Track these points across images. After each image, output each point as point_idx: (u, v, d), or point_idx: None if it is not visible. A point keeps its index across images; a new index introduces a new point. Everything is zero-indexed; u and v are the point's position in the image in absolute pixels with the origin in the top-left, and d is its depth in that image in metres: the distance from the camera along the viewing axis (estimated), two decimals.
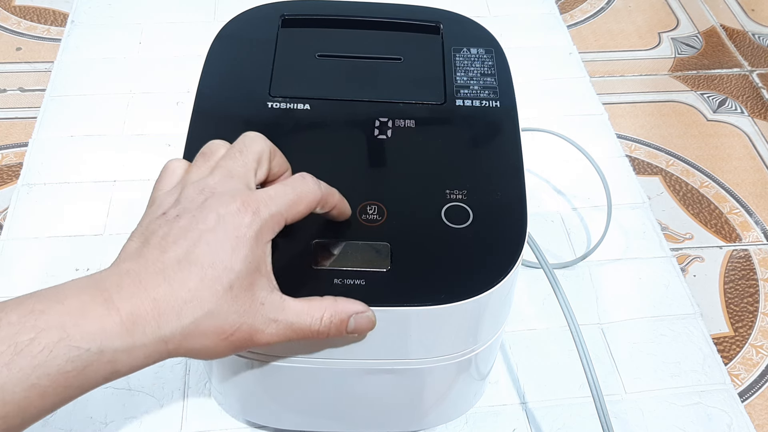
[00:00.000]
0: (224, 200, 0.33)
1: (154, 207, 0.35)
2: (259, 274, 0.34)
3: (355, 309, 0.36)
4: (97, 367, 0.30)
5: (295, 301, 0.35)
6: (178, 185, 0.36)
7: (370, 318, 0.37)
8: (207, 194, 0.34)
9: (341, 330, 0.36)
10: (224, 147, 0.37)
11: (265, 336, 0.34)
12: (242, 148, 0.36)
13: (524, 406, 0.53)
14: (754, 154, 0.74)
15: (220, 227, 0.33)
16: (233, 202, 0.33)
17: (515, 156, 0.43)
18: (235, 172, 0.35)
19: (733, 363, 0.57)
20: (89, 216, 0.63)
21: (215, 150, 0.37)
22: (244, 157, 0.36)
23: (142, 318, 0.31)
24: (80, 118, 0.71)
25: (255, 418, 0.50)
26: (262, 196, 0.34)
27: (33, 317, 0.29)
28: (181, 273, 0.32)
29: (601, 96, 0.77)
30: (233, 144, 0.37)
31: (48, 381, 0.29)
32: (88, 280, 0.32)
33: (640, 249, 0.63)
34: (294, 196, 0.35)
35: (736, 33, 0.88)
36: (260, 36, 0.49)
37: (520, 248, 0.39)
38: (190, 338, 0.32)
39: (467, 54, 0.49)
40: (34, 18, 0.84)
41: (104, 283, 0.31)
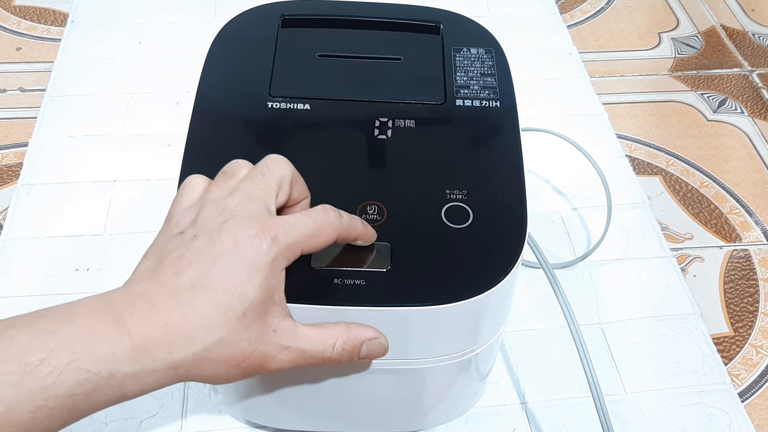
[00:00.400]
0: (243, 224, 0.33)
1: (171, 225, 0.35)
2: (273, 302, 0.33)
3: (368, 335, 0.36)
4: (106, 390, 0.30)
5: (308, 327, 0.35)
6: (197, 203, 0.35)
7: (383, 344, 0.37)
8: (226, 216, 0.33)
9: (353, 356, 0.36)
10: (247, 167, 0.36)
11: (276, 363, 0.34)
12: (265, 171, 0.35)
13: (524, 406, 0.53)
14: (754, 154, 0.74)
15: (237, 252, 0.32)
16: (252, 226, 0.32)
17: (515, 156, 0.43)
18: (255, 194, 0.34)
19: (733, 363, 0.57)
20: (89, 216, 0.63)
21: (237, 170, 0.36)
22: (266, 179, 0.35)
23: (153, 343, 0.30)
24: (80, 118, 0.71)
25: (255, 418, 0.50)
26: (282, 223, 0.33)
27: (44, 337, 0.29)
28: (194, 298, 0.31)
29: (601, 96, 0.77)
30: (256, 165, 0.36)
31: (55, 403, 0.28)
32: (100, 300, 0.31)
33: (640, 249, 0.63)
34: (314, 227, 0.34)
35: (736, 33, 0.88)
36: (260, 36, 0.49)
37: (520, 248, 0.39)
38: (201, 365, 0.31)
39: (467, 54, 0.49)
40: (34, 18, 0.84)
41: (116, 304, 0.31)
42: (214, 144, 0.43)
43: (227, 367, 0.32)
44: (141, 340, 0.30)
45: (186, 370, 0.31)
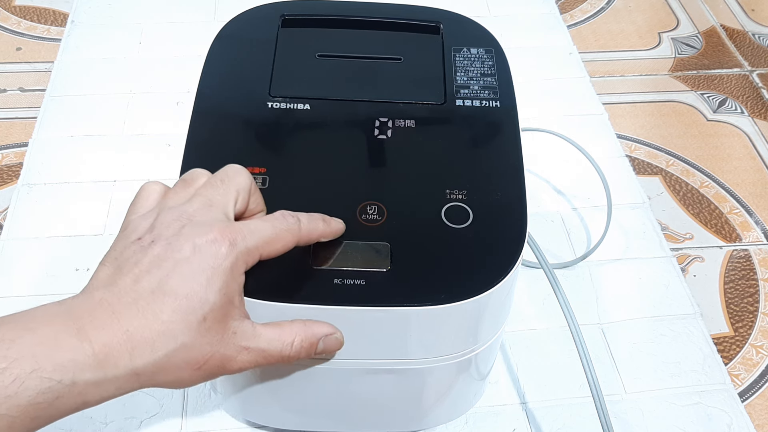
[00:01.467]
0: (201, 230, 0.33)
1: (128, 231, 0.35)
2: (232, 305, 0.33)
3: (324, 331, 0.37)
4: (68, 399, 0.29)
5: (266, 327, 0.35)
6: (154, 209, 0.35)
7: (339, 339, 0.37)
8: (184, 221, 0.33)
9: (311, 353, 0.36)
10: (206, 176, 0.37)
11: (237, 363, 0.34)
12: (224, 178, 0.36)
13: (524, 406, 0.53)
14: (754, 154, 0.74)
15: (196, 257, 0.32)
16: (210, 231, 0.33)
17: (515, 156, 0.43)
18: (215, 201, 0.35)
19: (733, 363, 0.57)
20: (89, 216, 0.63)
21: (196, 177, 0.37)
22: (225, 186, 0.35)
23: (115, 350, 0.30)
24: (80, 118, 0.71)
25: (255, 418, 0.50)
26: (240, 228, 0.34)
27: (4, 346, 0.28)
28: (154, 304, 0.31)
29: (601, 96, 0.77)
30: (215, 173, 0.37)
31: (18, 412, 0.28)
32: (59, 308, 0.31)
33: (640, 249, 0.63)
34: (272, 233, 0.34)
35: (736, 33, 0.88)
36: (260, 36, 0.49)
37: (520, 248, 0.39)
38: (163, 370, 0.32)
39: (467, 54, 0.49)
40: (34, 18, 0.84)
41: (76, 311, 0.31)
42: (214, 144, 0.43)
43: (189, 370, 0.32)
44: (102, 347, 0.30)
45: (148, 377, 0.31)
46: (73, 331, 0.30)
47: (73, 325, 0.30)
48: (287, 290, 0.36)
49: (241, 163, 0.37)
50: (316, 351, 0.37)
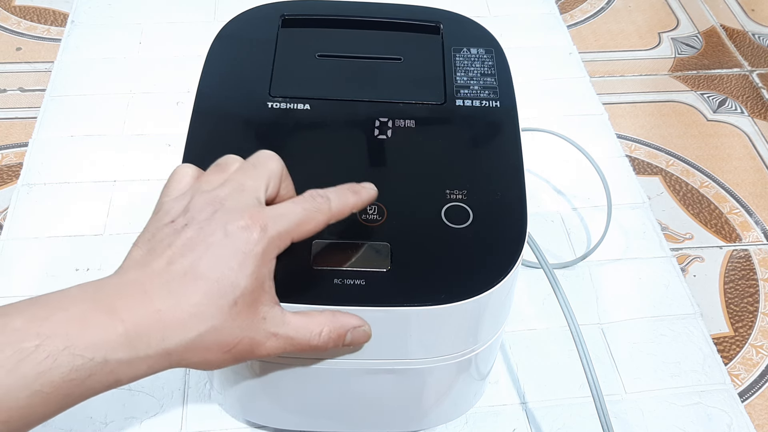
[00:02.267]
0: (233, 215, 0.33)
1: (161, 213, 0.35)
2: (263, 291, 0.34)
3: (353, 323, 0.37)
4: (100, 376, 0.30)
5: (295, 315, 0.35)
6: (187, 193, 0.36)
7: (366, 332, 0.37)
8: (216, 206, 0.34)
9: (338, 343, 0.36)
10: (238, 161, 0.37)
11: (266, 349, 0.34)
12: (256, 164, 0.36)
13: (524, 406, 0.53)
14: (754, 154, 0.74)
15: (228, 242, 0.32)
16: (242, 217, 0.33)
17: (515, 156, 0.43)
18: (246, 185, 0.35)
19: (733, 363, 0.57)
20: (89, 216, 0.63)
21: (230, 163, 0.37)
22: (257, 171, 0.36)
23: (147, 330, 0.31)
24: (80, 118, 0.71)
25: (255, 418, 0.50)
26: (271, 213, 0.34)
27: (37, 323, 0.29)
28: (186, 286, 0.32)
29: (601, 96, 0.77)
30: (248, 159, 0.37)
31: (51, 388, 0.29)
32: (92, 287, 0.32)
33: (640, 249, 0.63)
34: (303, 215, 0.35)
35: (736, 33, 0.88)
36: (260, 36, 0.49)
37: (520, 248, 0.39)
38: (193, 351, 0.32)
39: (467, 54, 0.49)
40: (34, 18, 0.84)
41: (108, 290, 0.31)
42: (214, 144, 0.43)
43: (219, 353, 0.33)
44: (134, 326, 0.30)
45: (179, 357, 0.32)
46: (105, 309, 0.30)
47: (104, 304, 0.30)
48: (287, 290, 0.36)
49: None
50: (344, 343, 0.37)
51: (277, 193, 0.37)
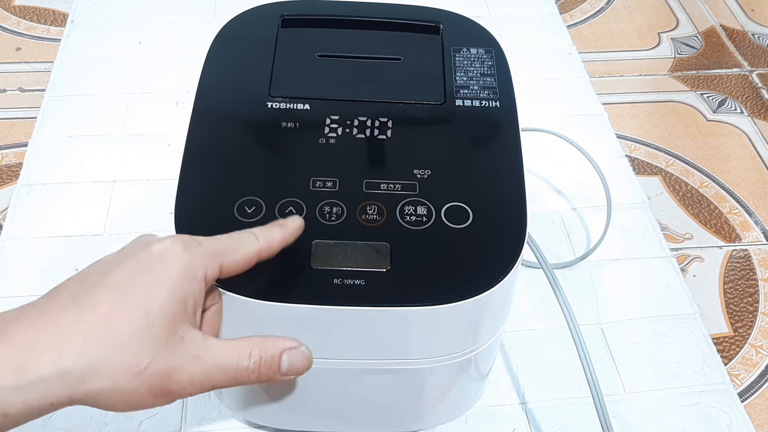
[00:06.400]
0: (159, 238, 0.32)
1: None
2: (184, 311, 0.31)
3: (286, 344, 0.33)
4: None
5: (220, 340, 0.32)
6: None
7: (306, 354, 0.34)
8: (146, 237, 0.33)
9: (273, 369, 0.33)
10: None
11: (186, 375, 0.30)
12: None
13: (524, 406, 0.53)
14: (753, 154, 0.74)
15: (146, 256, 0.31)
16: (165, 237, 0.32)
17: (515, 156, 0.43)
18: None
19: (733, 363, 0.57)
20: (89, 216, 0.63)
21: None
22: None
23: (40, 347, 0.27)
24: (80, 118, 0.71)
25: (255, 418, 0.50)
26: (198, 237, 0.33)
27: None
28: (93, 296, 0.29)
29: (601, 96, 0.77)
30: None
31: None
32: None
33: (639, 249, 0.63)
34: (229, 242, 0.33)
35: (736, 33, 0.88)
36: (260, 36, 0.49)
37: (519, 248, 0.39)
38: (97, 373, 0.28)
39: (467, 54, 0.49)
40: (34, 18, 0.83)
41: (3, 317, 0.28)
42: (214, 144, 0.43)
43: (128, 376, 0.28)
44: (25, 345, 0.27)
45: (78, 380, 0.27)
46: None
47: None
48: (287, 290, 0.36)
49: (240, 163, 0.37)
50: (281, 369, 0.33)
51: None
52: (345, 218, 0.39)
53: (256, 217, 0.39)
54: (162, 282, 0.30)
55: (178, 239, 0.32)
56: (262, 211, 0.39)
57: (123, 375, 0.28)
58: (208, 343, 0.31)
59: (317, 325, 0.38)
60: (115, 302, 0.29)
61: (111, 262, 0.31)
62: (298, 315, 0.37)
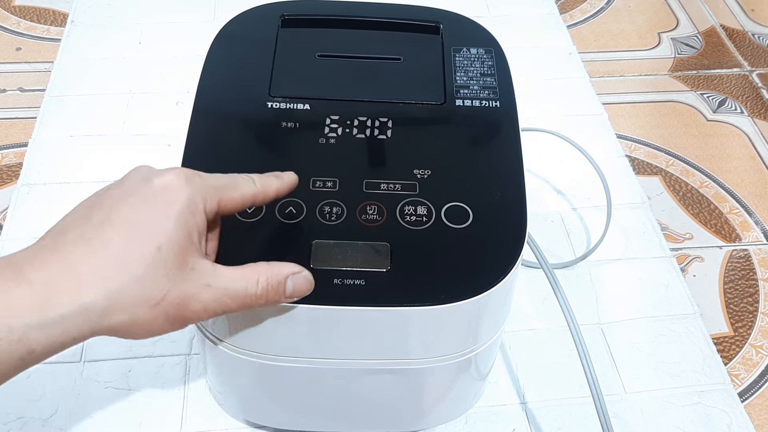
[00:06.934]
0: (159, 171, 0.33)
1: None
2: (191, 242, 0.32)
3: (291, 269, 0.35)
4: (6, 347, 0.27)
5: (228, 267, 0.33)
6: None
7: (307, 278, 0.36)
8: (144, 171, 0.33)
9: (279, 293, 0.34)
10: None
11: (200, 302, 0.32)
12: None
13: (524, 406, 0.53)
14: (753, 154, 0.74)
15: (149, 189, 0.31)
16: (166, 170, 0.33)
17: (515, 156, 0.43)
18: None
19: (733, 363, 0.57)
20: None
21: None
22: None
23: (59, 285, 0.28)
24: (80, 118, 0.71)
25: (255, 418, 0.50)
26: (199, 172, 0.34)
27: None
28: (103, 234, 0.30)
29: (601, 96, 0.77)
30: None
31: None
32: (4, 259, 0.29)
33: (639, 249, 0.63)
34: (229, 180, 0.34)
35: (736, 33, 0.88)
36: (260, 36, 0.49)
37: (519, 248, 0.39)
38: (116, 307, 0.29)
39: (467, 54, 0.49)
40: (34, 18, 0.84)
41: (16, 258, 0.29)
42: (214, 144, 0.43)
43: (146, 308, 0.30)
44: (44, 284, 0.28)
45: (99, 315, 0.29)
46: (9, 274, 0.28)
47: (9, 269, 0.28)
48: None
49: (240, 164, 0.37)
50: (285, 293, 0.35)
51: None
52: (345, 218, 0.39)
53: (256, 217, 0.39)
54: (168, 215, 0.31)
55: (180, 173, 0.32)
56: (262, 211, 0.39)
57: (141, 307, 0.30)
58: (218, 271, 0.33)
59: (317, 325, 0.38)
60: (127, 239, 0.30)
61: (114, 198, 0.31)
62: (298, 315, 0.37)
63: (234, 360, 0.41)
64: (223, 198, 0.34)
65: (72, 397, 0.51)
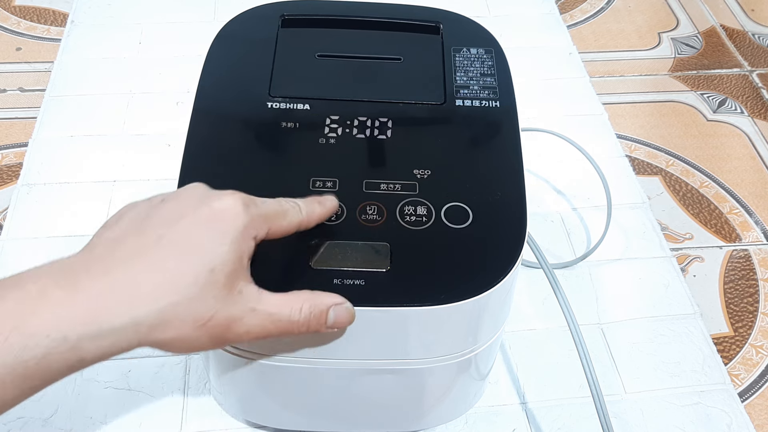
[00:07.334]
0: (215, 192, 0.33)
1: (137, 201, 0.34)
2: (241, 267, 0.32)
3: (334, 300, 0.35)
4: (59, 355, 0.28)
5: (274, 293, 0.34)
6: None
7: (349, 310, 0.36)
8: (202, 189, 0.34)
9: (321, 322, 0.35)
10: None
11: (244, 326, 0.33)
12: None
13: (524, 406, 0.53)
14: (754, 154, 0.74)
15: (209, 212, 0.32)
16: (224, 194, 0.33)
17: (515, 156, 0.43)
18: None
19: (733, 363, 0.57)
20: (89, 216, 0.63)
21: None
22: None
23: (113, 299, 0.29)
24: (80, 118, 0.71)
25: (255, 418, 0.50)
26: (253, 197, 0.34)
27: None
28: (160, 252, 0.30)
29: (601, 96, 0.77)
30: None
31: (5, 371, 0.27)
32: (54, 265, 0.30)
33: (640, 249, 0.63)
34: (279, 207, 0.35)
35: (736, 33, 0.88)
36: (260, 36, 0.49)
37: (519, 248, 0.39)
38: (165, 324, 0.30)
39: (467, 54, 0.49)
40: (34, 18, 0.84)
41: (71, 265, 0.30)
42: (214, 144, 0.43)
43: (193, 327, 0.31)
44: (98, 297, 0.29)
45: (148, 329, 0.30)
46: (65, 284, 0.29)
47: (65, 278, 0.29)
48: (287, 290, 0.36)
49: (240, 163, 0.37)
50: (327, 322, 0.35)
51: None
52: (345, 218, 0.39)
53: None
54: (224, 240, 0.31)
55: (238, 200, 0.33)
56: None
57: (189, 326, 0.31)
58: (263, 297, 0.33)
59: None
60: (182, 259, 0.30)
61: (171, 215, 0.32)
62: None
63: (234, 360, 0.41)
64: (273, 226, 0.34)
65: (72, 397, 0.51)
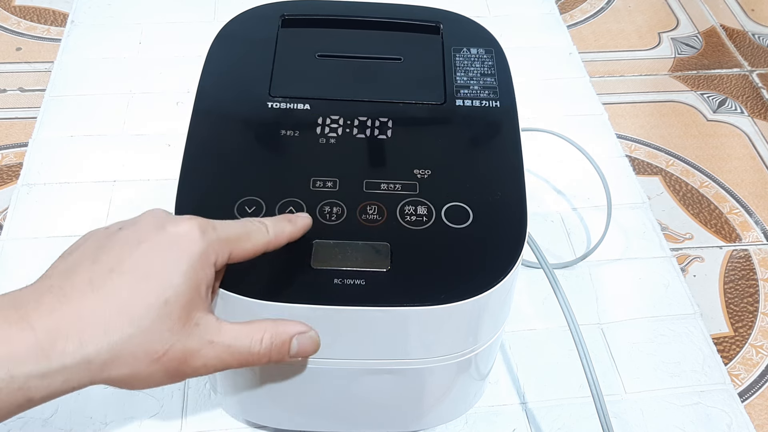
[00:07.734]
0: (173, 217, 0.32)
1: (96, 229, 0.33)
2: (198, 296, 0.31)
3: (297, 329, 0.34)
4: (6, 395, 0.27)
5: (232, 323, 0.33)
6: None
7: (314, 338, 0.35)
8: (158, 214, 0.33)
9: (283, 352, 0.34)
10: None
11: (201, 358, 0.31)
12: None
13: (524, 406, 0.53)
14: (754, 154, 0.74)
15: (163, 238, 0.31)
16: (181, 220, 0.32)
17: (515, 156, 0.43)
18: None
19: (733, 363, 0.57)
20: (89, 216, 0.63)
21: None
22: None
23: (63, 335, 0.28)
24: (80, 118, 0.71)
25: (255, 418, 0.50)
26: (212, 221, 0.33)
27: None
28: (112, 282, 0.29)
29: (601, 96, 0.77)
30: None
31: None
32: (4, 298, 0.29)
33: (640, 249, 0.63)
34: (242, 230, 0.34)
35: (736, 33, 0.88)
36: (260, 36, 0.49)
37: (520, 248, 0.39)
38: (118, 360, 0.29)
39: (467, 54, 0.49)
40: (34, 18, 0.84)
41: (22, 300, 0.29)
42: (214, 144, 0.43)
43: (147, 361, 0.30)
44: (48, 333, 0.27)
45: (100, 367, 0.28)
46: (14, 319, 0.28)
47: (15, 313, 0.28)
48: (287, 290, 0.36)
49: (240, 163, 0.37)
50: (290, 352, 0.34)
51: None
52: (345, 218, 0.39)
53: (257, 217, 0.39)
54: (178, 268, 0.30)
55: (194, 224, 0.32)
56: (262, 211, 0.39)
57: (142, 361, 0.29)
58: (222, 328, 0.32)
59: (317, 325, 0.38)
60: (135, 290, 0.29)
61: (126, 242, 0.31)
62: (299, 315, 0.37)
63: None
64: (235, 250, 0.33)
65: (72, 397, 0.51)
